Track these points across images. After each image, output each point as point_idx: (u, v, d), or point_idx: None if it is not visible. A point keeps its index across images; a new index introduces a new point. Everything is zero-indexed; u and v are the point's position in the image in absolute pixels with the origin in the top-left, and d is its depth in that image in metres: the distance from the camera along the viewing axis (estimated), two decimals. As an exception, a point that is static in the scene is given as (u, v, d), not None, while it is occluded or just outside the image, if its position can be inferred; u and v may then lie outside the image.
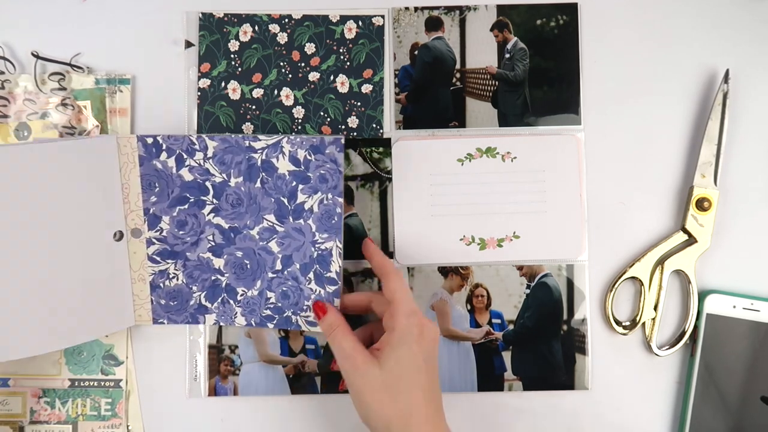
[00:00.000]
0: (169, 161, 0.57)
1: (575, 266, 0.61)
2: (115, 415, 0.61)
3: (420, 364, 0.49)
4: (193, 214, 0.58)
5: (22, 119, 0.61)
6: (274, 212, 0.57)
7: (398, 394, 0.49)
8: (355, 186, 0.62)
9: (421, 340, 0.50)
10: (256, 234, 0.57)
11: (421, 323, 0.50)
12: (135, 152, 0.57)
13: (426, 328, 0.51)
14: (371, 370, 0.49)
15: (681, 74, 0.62)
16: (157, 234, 0.58)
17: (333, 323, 0.54)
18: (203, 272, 0.58)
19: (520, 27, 0.62)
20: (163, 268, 0.58)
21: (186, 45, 0.62)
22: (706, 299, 0.60)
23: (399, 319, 0.50)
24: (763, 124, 0.62)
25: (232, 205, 0.57)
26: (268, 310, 0.58)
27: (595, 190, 0.62)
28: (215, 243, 0.58)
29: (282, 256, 0.57)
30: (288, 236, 0.57)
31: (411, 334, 0.50)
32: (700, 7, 0.62)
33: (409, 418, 0.48)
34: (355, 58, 0.62)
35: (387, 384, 0.49)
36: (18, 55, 0.62)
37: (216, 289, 0.59)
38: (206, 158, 0.57)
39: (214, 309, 0.59)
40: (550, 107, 0.62)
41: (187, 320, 0.59)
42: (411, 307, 0.51)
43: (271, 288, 0.58)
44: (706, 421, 0.59)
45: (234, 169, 0.57)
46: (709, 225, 0.60)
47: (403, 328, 0.50)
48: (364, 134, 0.62)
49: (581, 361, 0.61)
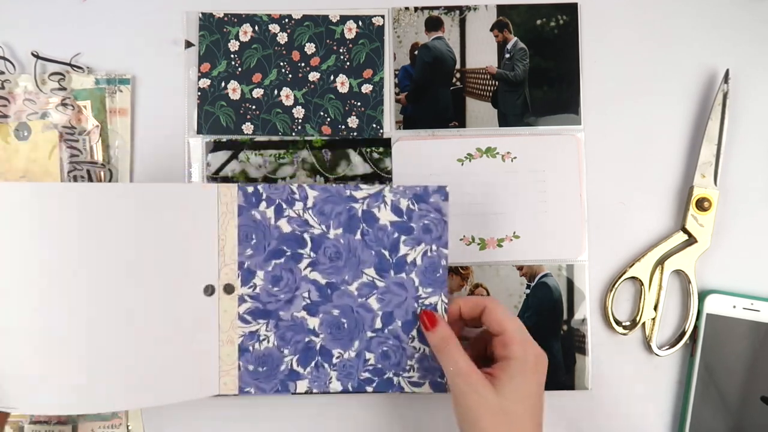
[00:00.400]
0: (268, 211, 0.54)
1: (575, 266, 0.61)
2: (115, 415, 0.61)
3: (534, 395, 0.49)
4: (289, 269, 0.54)
5: (22, 119, 0.61)
6: (374, 266, 0.54)
7: (514, 422, 0.48)
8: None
9: (536, 370, 0.50)
10: (355, 290, 0.54)
11: (536, 353, 0.50)
12: (234, 202, 0.54)
13: (540, 358, 0.50)
14: (489, 393, 0.48)
15: (681, 74, 0.62)
16: (251, 291, 0.54)
17: (446, 337, 0.51)
18: (296, 333, 0.54)
19: (520, 27, 0.62)
20: (254, 329, 0.54)
21: (186, 45, 0.62)
22: (706, 299, 0.60)
23: (514, 349, 0.49)
24: (763, 124, 0.62)
25: (330, 259, 0.54)
26: (366, 372, 0.54)
27: (595, 190, 0.62)
28: (311, 300, 0.54)
29: (382, 313, 0.54)
30: (389, 291, 0.54)
31: (527, 363, 0.49)
32: (700, 7, 0.62)
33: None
34: (355, 58, 0.62)
35: (504, 409, 0.48)
36: (18, 55, 0.62)
37: (309, 352, 0.54)
38: (306, 208, 0.54)
39: (306, 374, 0.54)
40: (550, 107, 0.62)
41: (277, 388, 0.54)
42: (525, 336, 0.50)
43: (370, 349, 0.54)
44: (706, 421, 0.59)
45: (334, 219, 0.54)
46: (709, 225, 0.60)
47: (520, 357, 0.49)
48: (364, 134, 0.62)
49: (581, 361, 0.61)
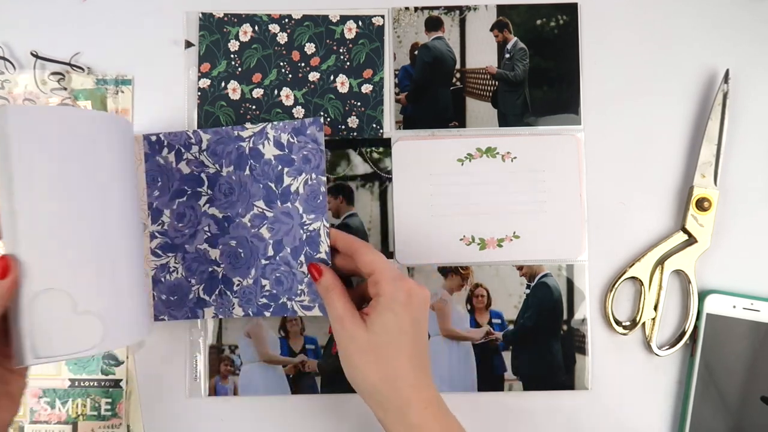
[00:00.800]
0: (169, 156, 0.58)
1: (575, 266, 0.61)
2: (115, 415, 0.61)
3: (406, 329, 0.49)
4: (190, 206, 0.59)
5: (22, 119, 0.61)
6: (263, 198, 0.57)
7: (384, 359, 0.49)
8: (355, 186, 0.62)
9: (408, 304, 0.50)
10: (248, 221, 0.58)
11: (408, 288, 0.50)
12: (141, 150, 0.58)
13: (413, 291, 0.50)
14: (358, 332, 0.49)
15: (681, 74, 0.62)
16: (159, 227, 0.59)
17: (329, 285, 0.52)
18: (201, 264, 0.58)
19: (520, 27, 0.62)
20: (164, 261, 0.59)
21: (186, 45, 0.62)
22: (706, 299, 0.60)
23: (384, 286, 0.50)
24: (763, 124, 0.62)
25: (224, 195, 0.58)
26: (263, 298, 0.58)
27: (595, 190, 0.62)
28: (211, 233, 0.58)
29: (273, 242, 0.57)
30: (277, 221, 0.57)
31: (397, 299, 0.49)
32: (700, 7, 0.62)
33: (394, 383, 0.49)
34: (355, 58, 0.62)
35: (373, 347, 0.49)
36: (18, 55, 0.62)
37: (213, 281, 0.58)
38: (201, 151, 0.58)
39: (212, 302, 0.59)
40: (550, 107, 0.62)
41: (187, 315, 0.59)
42: (394, 273, 0.51)
43: (265, 275, 0.57)
44: (706, 421, 0.59)
45: (225, 159, 0.58)
46: (709, 225, 0.60)
47: (388, 293, 0.50)
48: (364, 134, 0.62)
49: (581, 361, 0.61)
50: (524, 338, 0.61)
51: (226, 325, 0.61)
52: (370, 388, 0.49)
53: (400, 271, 0.51)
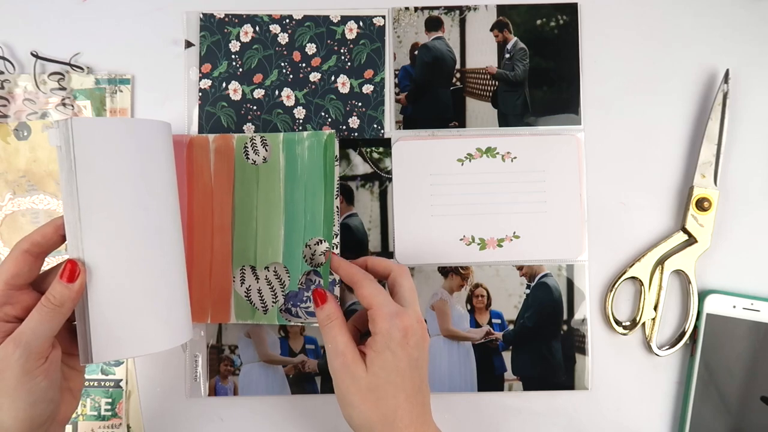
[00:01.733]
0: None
1: (575, 266, 0.61)
2: (115, 415, 0.61)
3: (404, 368, 0.49)
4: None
5: (22, 119, 0.61)
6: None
7: (382, 399, 0.48)
8: (355, 186, 0.62)
9: (404, 344, 0.49)
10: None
11: (404, 326, 0.49)
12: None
13: (410, 330, 0.49)
14: (359, 372, 0.49)
15: (681, 74, 0.62)
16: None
17: (331, 314, 0.51)
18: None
19: (520, 27, 0.62)
20: None
21: (186, 45, 0.62)
22: (706, 299, 0.60)
23: (380, 324, 0.49)
24: (763, 124, 0.62)
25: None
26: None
27: (595, 190, 0.62)
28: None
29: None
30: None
31: (394, 338, 0.49)
32: (700, 7, 0.62)
33: (393, 423, 0.48)
34: (356, 59, 0.62)
35: (371, 387, 0.49)
36: (18, 55, 0.62)
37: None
38: None
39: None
40: (550, 107, 0.62)
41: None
42: (391, 310, 0.50)
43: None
44: (706, 421, 0.59)
45: None
46: (709, 225, 0.60)
47: (385, 332, 0.49)
48: (366, 134, 0.62)
49: (581, 361, 0.61)
50: (524, 338, 0.61)
51: (226, 325, 0.61)
52: (366, 428, 0.49)
53: (398, 306, 0.50)
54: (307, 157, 0.59)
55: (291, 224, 0.59)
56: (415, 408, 0.49)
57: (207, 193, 0.59)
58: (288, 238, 0.58)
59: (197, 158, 0.60)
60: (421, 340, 0.50)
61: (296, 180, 0.59)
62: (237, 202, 0.59)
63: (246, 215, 0.59)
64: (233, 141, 0.60)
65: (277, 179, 0.59)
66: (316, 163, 0.58)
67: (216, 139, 0.60)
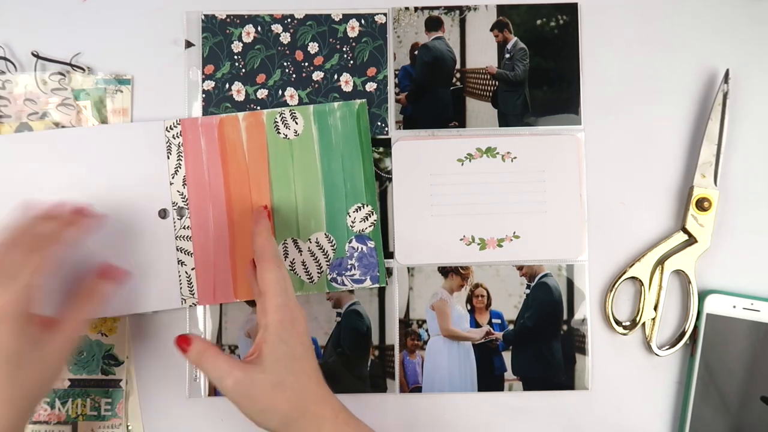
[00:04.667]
0: None
1: (575, 266, 0.61)
2: (115, 415, 0.61)
3: (299, 353, 0.50)
4: None
5: (23, 119, 0.61)
6: None
7: (289, 389, 0.49)
8: (356, 186, 0.62)
9: (293, 331, 0.50)
10: None
11: (292, 316, 0.50)
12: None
13: (295, 317, 0.51)
14: (255, 375, 0.49)
15: (681, 74, 0.62)
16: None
17: (200, 350, 0.51)
18: None
19: (520, 27, 0.62)
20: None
21: (186, 45, 0.62)
22: (706, 299, 0.60)
23: (271, 316, 0.50)
24: (763, 124, 0.62)
25: None
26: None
27: (595, 190, 0.62)
28: None
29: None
30: None
31: (285, 329, 0.50)
32: (700, 7, 0.63)
33: (304, 406, 0.49)
34: (359, 57, 0.62)
35: (275, 382, 0.49)
36: (18, 55, 0.62)
37: None
38: None
39: None
40: (550, 107, 0.62)
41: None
42: (280, 300, 0.51)
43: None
44: (706, 421, 0.59)
45: None
46: (709, 225, 0.60)
47: (276, 324, 0.50)
48: (370, 133, 0.62)
49: (581, 361, 0.61)
50: (524, 338, 0.61)
51: (226, 325, 0.61)
52: (283, 421, 0.49)
53: (286, 295, 0.51)
54: (341, 128, 0.61)
55: (331, 194, 0.61)
56: (318, 386, 0.51)
57: (242, 171, 0.61)
58: (329, 208, 0.61)
59: (229, 138, 0.61)
60: (304, 324, 0.52)
61: (332, 151, 0.60)
62: (273, 177, 0.60)
63: (284, 190, 0.60)
64: (263, 117, 0.61)
65: (312, 151, 0.60)
66: (351, 132, 0.61)
67: (246, 117, 0.61)
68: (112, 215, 0.59)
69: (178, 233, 0.60)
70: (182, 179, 0.60)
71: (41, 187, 0.60)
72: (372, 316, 0.61)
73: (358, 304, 0.61)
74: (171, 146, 0.60)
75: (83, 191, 0.60)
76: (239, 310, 0.61)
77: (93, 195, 0.60)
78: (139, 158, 0.60)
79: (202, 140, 0.61)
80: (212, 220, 0.60)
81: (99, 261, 0.58)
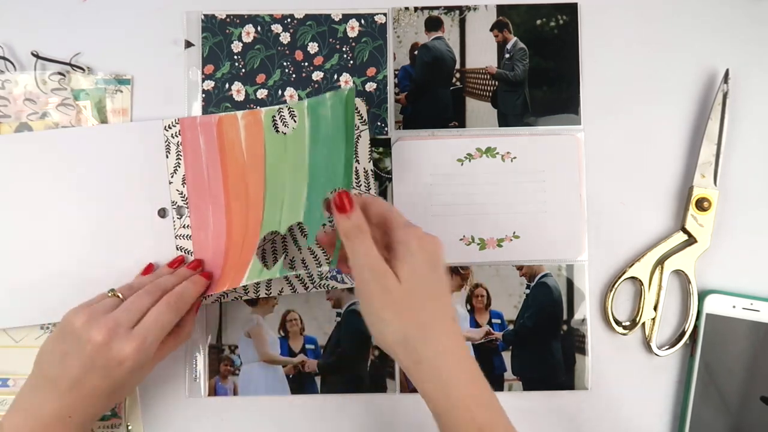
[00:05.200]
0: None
1: (575, 266, 0.61)
2: (115, 415, 0.61)
3: (426, 274, 0.48)
4: None
5: (23, 119, 0.61)
6: None
7: (415, 308, 0.47)
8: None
9: (421, 249, 0.48)
10: None
11: (417, 235, 0.49)
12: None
13: (423, 240, 0.49)
14: (392, 282, 0.47)
15: (681, 74, 0.62)
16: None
17: (361, 225, 0.48)
18: None
19: (520, 27, 0.62)
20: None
21: (186, 45, 0.62)
22: (706, 299, 0.60)
23: (397, 233, 0.49)
24: (763, 124, 0.62)
25: None
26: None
27: (595, 190, 0.62)
28: None
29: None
30: None
31: (411, 245, 0.48)
32: (700, 7, 0.63)
33: (427, 330, 0.47)
34: (359, 57, 0.62)
35: (403, 297, 0.47)
36: (18, 55, 0.62)
37: None
38: None
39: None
40: (550, 107, 0.62)
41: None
42: (404, 220, 0.50)
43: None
44: (706, 421, 0.59)
45: None
46: (708, 225, 0.60)
47: (403, 240, 0.48)
48: (370, 132, 0.62)
49: (581, 361, 0.61)
50: (524, 338, 0.61)
51: (226, 325, 0.61)
52: (401, 340, 0.47)
53: (406, 219, 0.50)
54: (331, 117, 0.58)
55: (314, 184, 0.57)
56: (446, 315, 0.49)
57: (240, 169, 0.61)
58: (309, 198, 0.57)
59: (228, 136, 0.61)
60: (434, 249, 0.49)
61: (320, 141, 0.58)
62: (268, 174, 0.60)
63: (277, 186, 0.60)
64: (261, 115, 0.61)
65: (302, 144, 0.59)
66: (339, 119, 0.57)
67: (245, 116, 0.61)
68: (111, 214, 0.59)
69: (177, 232, 0.60)
70: (181, 178, 0.60)
71: (41, 187, 0.60)
72: (372, 316, 0.61)
73: (357, 305, 0.61)
74: (170, 145, 0.60)
75: (83, 191, 0.60)
76: (239, 310, 0.61)
77: (92, 194, 0.60)
78: (138, 157, 0.60)
79: (201, 139, 0.61)
80: (211, 218, 0.60)
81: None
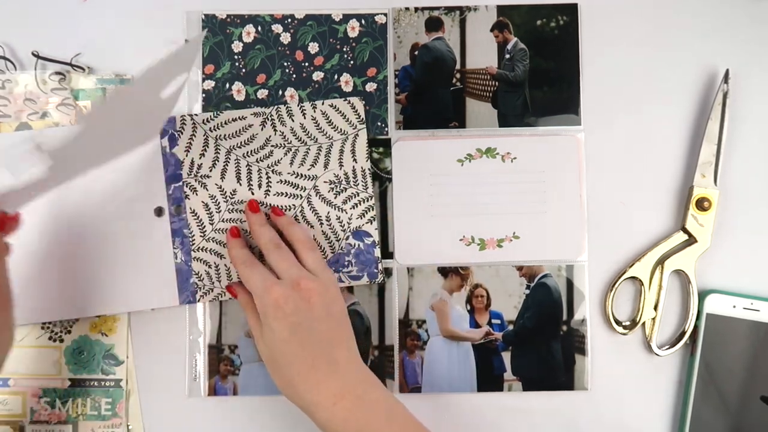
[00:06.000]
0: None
1: (575, 266, 0.61)
2: (115, 414, 0.61)
3: (287, 338, 0.51)
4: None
5: (23, 119, 0.61)
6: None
7: (279, 369, 0.52)
8: (356, 186, 0.62)
9: (278, 315, 0.51)
10: None
11: (274, 299, 0.51)
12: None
13: (281, 300, 0.51)
14: (259, 346, 0.54)
15: (681, 74, 0.62)
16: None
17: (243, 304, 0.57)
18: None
19: (520, 27, 0.62)
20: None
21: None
22: (706, 299, 0.60)
23: (258, 305, 0.53)
24: (763, 124, 0.62)
25: None
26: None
27: (595, 190, 0.62)
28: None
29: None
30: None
31: (268, 314, 0.51)
32: (700, 7, 0.63)
33: (294, 388, 0.51)
34: (359, 57, 0.62)
35: (269, 359, 0.53)
36: (18, 55, 0.62)
37: None
38: None
39: None
40: (550, 107, 0.62)
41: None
42: (260, 287, 0.53)
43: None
44: (706, 421, 0.59)
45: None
46: (709, 225, 0.60)
47: (261, 311, 0.52)
48: (370, 133, 0.62)
49: (581, 362, 0.61)
50: (524, 339, 0.61)
51: (226, 325, 0.61)
52: (283, 392, 0.53)
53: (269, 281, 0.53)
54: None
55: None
56: (315, 370, 0.51)
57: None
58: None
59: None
60: (300, 302, 0.51)
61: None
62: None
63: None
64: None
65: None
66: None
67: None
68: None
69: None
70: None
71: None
72: (372, 316, 0.61)
73: (357, 305, 0.61)
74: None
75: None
76: (239, 310, 0.61)
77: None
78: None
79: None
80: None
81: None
